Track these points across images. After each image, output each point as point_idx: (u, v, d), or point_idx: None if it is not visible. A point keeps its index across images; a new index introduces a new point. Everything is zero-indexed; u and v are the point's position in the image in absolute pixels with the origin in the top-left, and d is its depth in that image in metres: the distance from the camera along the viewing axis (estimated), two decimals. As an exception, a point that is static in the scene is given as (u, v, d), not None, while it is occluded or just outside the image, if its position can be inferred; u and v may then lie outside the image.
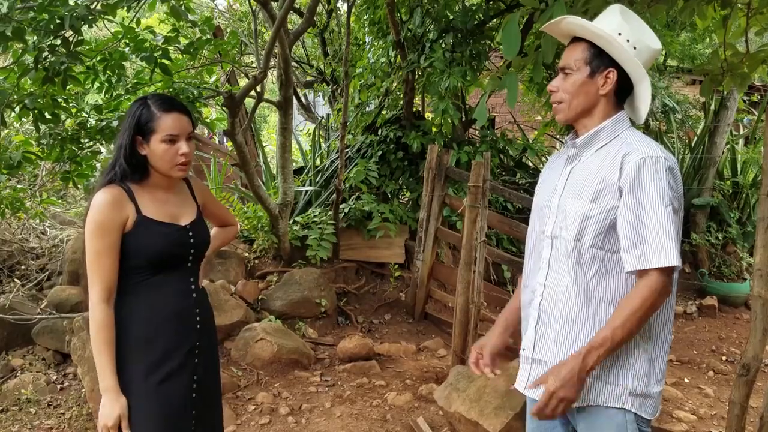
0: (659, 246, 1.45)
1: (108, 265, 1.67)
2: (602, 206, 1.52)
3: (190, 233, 1.82)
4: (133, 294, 1.72)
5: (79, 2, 2.90)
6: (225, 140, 9.72)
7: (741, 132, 8.44)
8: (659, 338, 1.57)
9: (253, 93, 4.50)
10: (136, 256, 1.71)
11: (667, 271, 1.46)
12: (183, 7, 3.34)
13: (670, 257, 1.44)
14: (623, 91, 1.60)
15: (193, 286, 1.84)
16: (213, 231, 2.06)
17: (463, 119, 5.95)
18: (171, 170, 1.75)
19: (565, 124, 1.68)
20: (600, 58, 1.56)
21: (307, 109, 8.63)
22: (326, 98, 8.07)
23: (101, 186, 1.73)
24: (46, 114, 3.33)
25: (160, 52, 3.36)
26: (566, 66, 1.60)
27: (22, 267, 4.90)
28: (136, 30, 3.38)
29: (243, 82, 7.53)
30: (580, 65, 1.58)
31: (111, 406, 1.65)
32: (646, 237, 1.46)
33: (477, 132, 6.50)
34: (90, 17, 2.85)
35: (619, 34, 1.55)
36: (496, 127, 6.82)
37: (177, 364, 1.75)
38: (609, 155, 1.55)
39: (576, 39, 1.62)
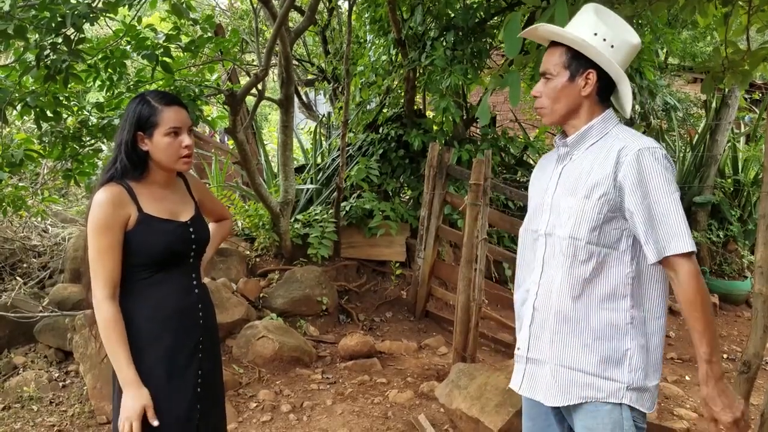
0: (672, 233, 1.46)
1: (111, 264, 1.67)
2: (594, 201, 1.53)
3: (191, 229, 1.82)
4: (136, 293, 1.73)
5: (80, 0, 2.90)
6: (226, 138, 9.71)
7: (742, 130, 8.44)
8: (653, 330, 1.57)
9: (254, 91, 4.50)
10: (139, 254, 1.71)
11: (687, 255, 1.47)
12: (184, 5, 3.34)
13: (684, 243, 1.46)
14: (607, 88, 1.61)
15: (194, 282, 1.85)
16: (211, 227, 2.06)
17: (465, 117, 5.95)
18: (176, 163, 1.76)
19: (552, 126, 1.70)
20: (578, 61, 1.57)
21: (308, 108, 8.63)
22: (327, 96, 8.07)
23: (102, 184, 1.73)
24: (48, 112, 3.33)
25: (162, 50, 3.36)
26: (546, 71, 1.62)
27: (24, 265, 4.91)
28: (138, 28, 3.38)
29: (244, 80, 7.53)
30: (559, 69, 1.59)
31: (133, 399, 1.64)
32: (660, 225, 1.47)
33: (478, 130, 6.50)
34: (91, 15, 2.85)
35: (595, 33, 1.56)
36: (497, 125, 6.81)
37: (182, 361, 1.76)
38: (602, 152, 1.56)
39: (554, 43, 1.63)
